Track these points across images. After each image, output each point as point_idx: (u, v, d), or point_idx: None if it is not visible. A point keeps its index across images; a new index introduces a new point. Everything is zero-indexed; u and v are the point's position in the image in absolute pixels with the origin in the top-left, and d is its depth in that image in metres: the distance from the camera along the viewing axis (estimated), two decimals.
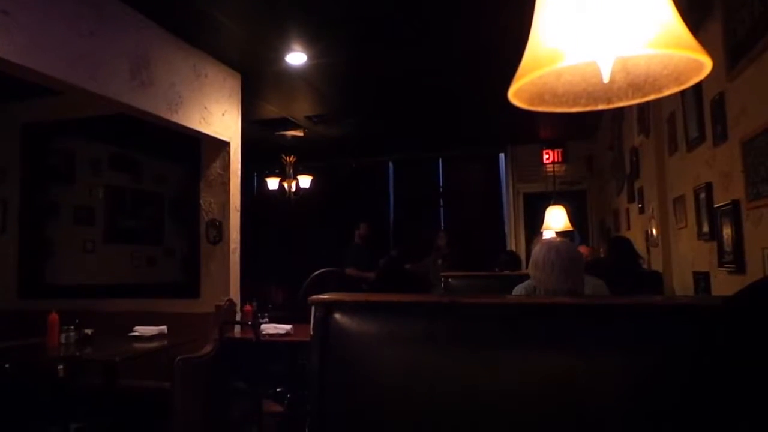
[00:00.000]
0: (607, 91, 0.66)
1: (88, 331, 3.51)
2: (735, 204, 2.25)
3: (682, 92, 2.88)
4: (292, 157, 6.15)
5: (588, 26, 0.54)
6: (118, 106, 3.36)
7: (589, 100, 0.67)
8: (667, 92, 0.64)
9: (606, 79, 0.59)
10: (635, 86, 0.65)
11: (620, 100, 0.66)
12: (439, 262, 6.17)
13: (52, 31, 2.78)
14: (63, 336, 3.43)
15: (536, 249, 1.87)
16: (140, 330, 3.77)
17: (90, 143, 5.55)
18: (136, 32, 3.41)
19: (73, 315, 3.59)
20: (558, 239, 2.62)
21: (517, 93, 0.64)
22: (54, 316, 3.46)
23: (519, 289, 2.40)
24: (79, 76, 2.93)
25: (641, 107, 3.87)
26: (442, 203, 7.88)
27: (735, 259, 2.24)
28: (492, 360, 1.11)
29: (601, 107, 0.68)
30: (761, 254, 2.00)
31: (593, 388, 1.00)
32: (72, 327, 3.46)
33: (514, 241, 7.27)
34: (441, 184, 7.89)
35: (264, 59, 4.22)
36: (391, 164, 8.07)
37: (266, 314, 4.51)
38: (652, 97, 0.65)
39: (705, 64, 0.57)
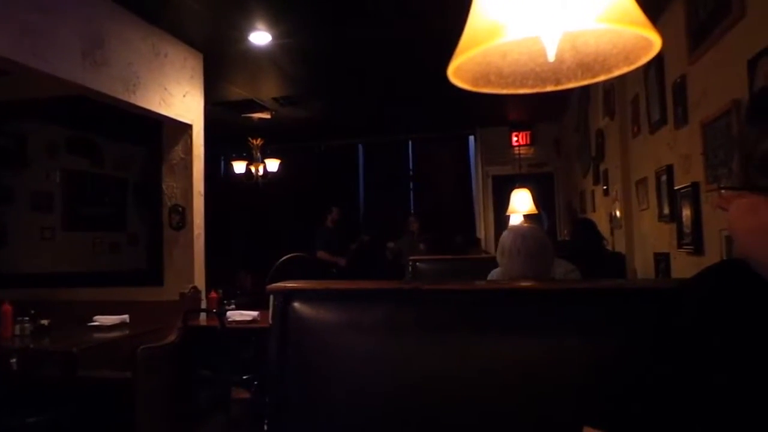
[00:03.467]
0: (556, 72, 0.63)
1: (45, 322, 3.38)
2: (695, 186, 2.28)
3: (645, 75, 2.89)
4: (259, 140, 6.01)
5: None
6: (70, 86, 3.19)
7: (537, 81, 0.64)
8: (617, 72, 0.61)
9: (551, 57, 0.56)
10: (584, 66, 0.62)
11: (569, 80, 0.63)
12: (421, 246, 6.11)
13: None
14: (17, 327, 3.30)
15: (503, 235, 1.86)
16: (100, 319, 3.66)
17: (44, 126, 5.31)
18: (89, 8, 3.23)
19: (30, 305, 3.45)
20: (525, 225, 2.62)
21: (458, 72, 0.60)
22: (7, 307, 3.32)
23: (492, 276, 2.39)
24: (24, 53, 2.76)
25: (607, 89, 3.89)
26: (412, 186, 7.86)
27: (693, 240, 2.28)
28: (456, 346, 1.09)
29: (549, 89, 0.64)
30: (719, 236, 2.04)
31: (557, 370, 1.00)
32: (27, 318, 3.33)
33: (483, 224, 7.32)
34: (411, 167, 7.86)
35: (226, 38, 4.07)
36: (360, 147, 7.99)
37: (233, 301, 4.44)
38: (602, 77, 0.62)
39: (654, 42, 0.54)
